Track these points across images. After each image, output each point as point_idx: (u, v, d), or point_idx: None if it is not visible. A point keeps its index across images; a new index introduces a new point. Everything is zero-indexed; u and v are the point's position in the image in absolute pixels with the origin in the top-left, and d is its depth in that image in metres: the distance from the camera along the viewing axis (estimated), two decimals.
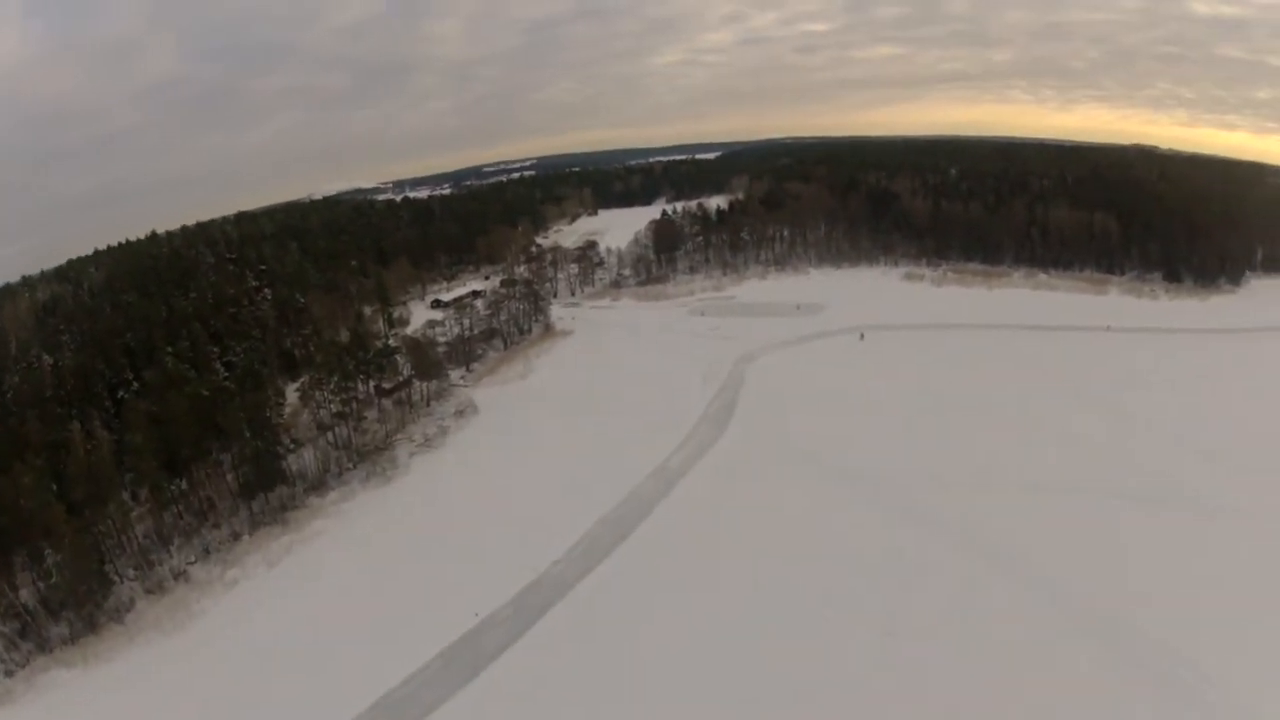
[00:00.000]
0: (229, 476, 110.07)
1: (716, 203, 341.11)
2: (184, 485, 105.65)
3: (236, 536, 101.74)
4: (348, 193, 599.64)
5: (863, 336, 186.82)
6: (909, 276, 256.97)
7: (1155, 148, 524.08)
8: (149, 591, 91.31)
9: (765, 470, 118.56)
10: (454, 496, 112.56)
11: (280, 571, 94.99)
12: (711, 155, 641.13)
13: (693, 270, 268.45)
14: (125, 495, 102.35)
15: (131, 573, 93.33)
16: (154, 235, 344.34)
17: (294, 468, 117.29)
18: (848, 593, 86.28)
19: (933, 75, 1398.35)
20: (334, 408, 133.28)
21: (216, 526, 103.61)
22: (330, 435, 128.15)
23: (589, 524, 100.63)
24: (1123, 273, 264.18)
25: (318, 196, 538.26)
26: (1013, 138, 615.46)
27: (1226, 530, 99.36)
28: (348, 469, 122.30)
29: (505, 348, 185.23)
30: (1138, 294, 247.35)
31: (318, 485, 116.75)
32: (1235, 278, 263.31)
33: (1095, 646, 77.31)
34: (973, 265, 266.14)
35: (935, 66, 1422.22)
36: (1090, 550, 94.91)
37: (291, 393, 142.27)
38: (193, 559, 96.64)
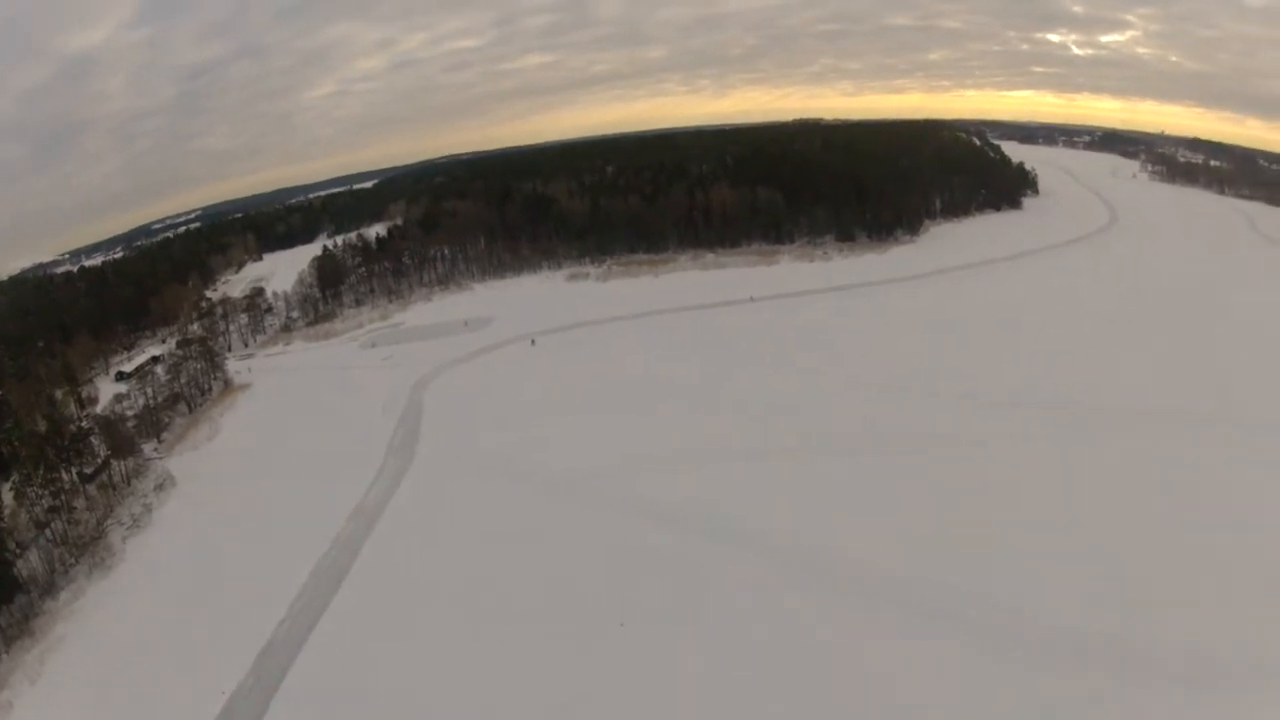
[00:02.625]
0: None
1: (376, 231, 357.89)
2: None
3: None
4: (29, 270, 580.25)
5: (534, 342, 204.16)
6: (573, 277, 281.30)
7: (819, 120, 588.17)
8: None
9: (461, 489, 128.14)
10: (172, 576, 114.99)
11: (42, 685, 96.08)
12: (369, 184, 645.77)
13: (359, 303, 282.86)
14: None
15: None
16: None
17: (24, 573, 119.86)
18: (573, 591, 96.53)
19: (586, 78, 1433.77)
20: (46, 503, 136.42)
21: None
22: (48, 532, 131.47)
23: (303, 577, 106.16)
24: (793, 241, 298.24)
25: (4, 278, 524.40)
26: (670, 129, 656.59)
27: (927, 464, 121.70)
28: (71, 565, 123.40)
29: (190, 411, 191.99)
30: (810, 258, 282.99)
31: (49, 588, 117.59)
32: (914, 228, 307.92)
33: (816, 586, 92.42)
34: (638, 256, 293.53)
35: (588, 69, 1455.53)
36: (798, 502, 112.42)
37: (6, 493, 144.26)
38: None
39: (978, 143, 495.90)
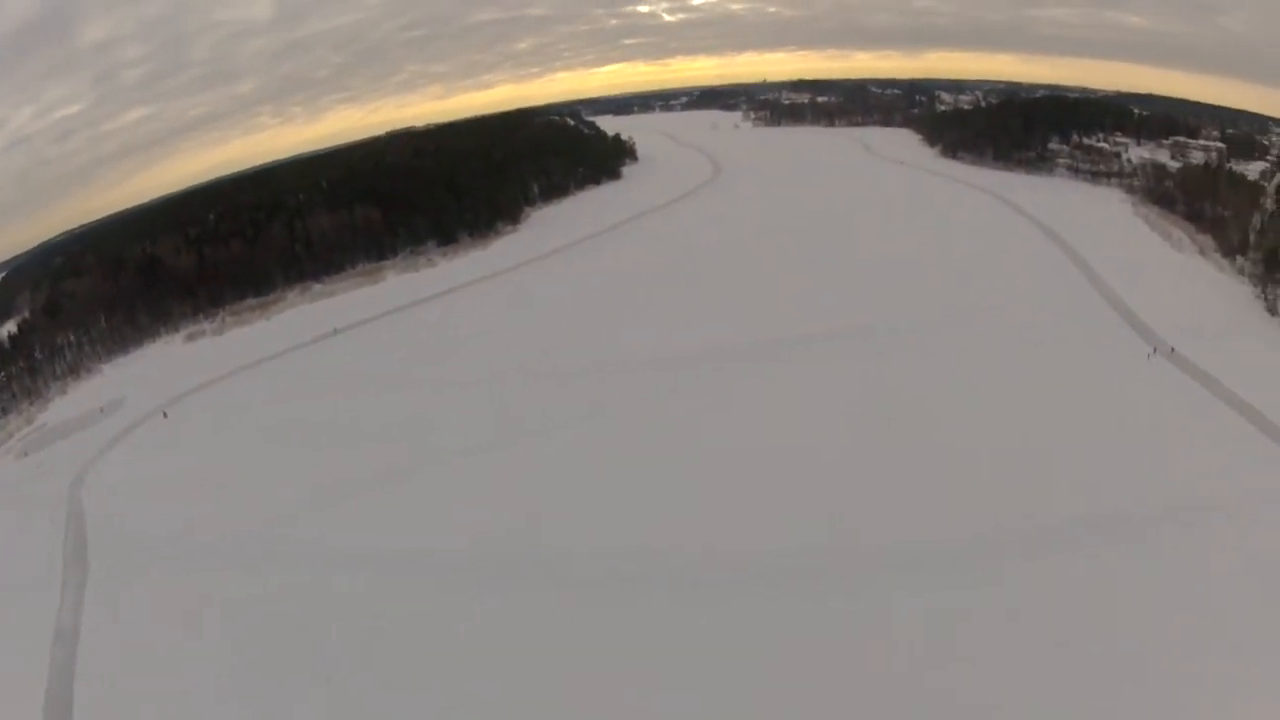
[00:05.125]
0: None
1: (8, 329, 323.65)
2: None
3: None
4: None
5: (166, 415, 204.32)
6: (191, 337, 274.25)
7: (413, 127, 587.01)
8: None
9: (137, 585, 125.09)
10: None
11: None
12: None
13: (5, 411, 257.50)
14: None
15: None
16: None
17: None
18: (274, 656, 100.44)
19: (183, 125, 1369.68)
20: None
21: None
22: None
23: (39, 715, 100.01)
24: (395, 254, 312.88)
25: None
26: (267, 163, 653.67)
27: (561, 443, 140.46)
28: None
29: None
30: (415, 269, 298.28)
31: None
32: (515, 217, 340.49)
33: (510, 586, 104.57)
34: (248, 302, 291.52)
35: (185, 115, 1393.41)
36: (448, 510, 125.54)
37: None
38: None
39: (571, 122, 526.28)
